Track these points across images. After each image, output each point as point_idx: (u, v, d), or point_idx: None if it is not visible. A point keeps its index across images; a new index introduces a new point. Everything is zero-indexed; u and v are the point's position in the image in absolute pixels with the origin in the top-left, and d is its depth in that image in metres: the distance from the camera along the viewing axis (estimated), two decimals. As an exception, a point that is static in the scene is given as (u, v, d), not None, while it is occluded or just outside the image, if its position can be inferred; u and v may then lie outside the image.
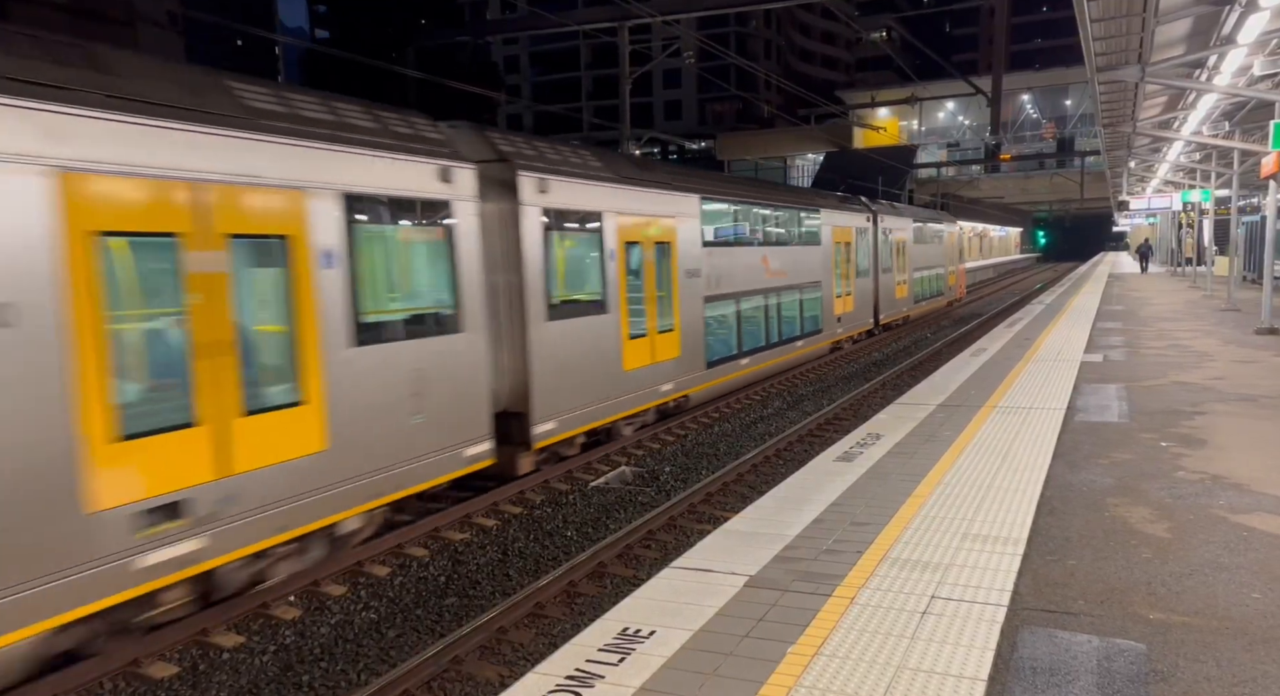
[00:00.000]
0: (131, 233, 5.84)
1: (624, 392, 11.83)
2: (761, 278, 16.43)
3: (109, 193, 5.69)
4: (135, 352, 5.93)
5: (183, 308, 6.15)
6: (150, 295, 6.03)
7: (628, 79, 24.54)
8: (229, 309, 6.43)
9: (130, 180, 5.82)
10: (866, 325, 23.42)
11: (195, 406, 6.19)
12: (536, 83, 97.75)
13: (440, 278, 8.63)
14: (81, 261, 5.52)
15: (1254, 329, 16.51)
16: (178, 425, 6.07)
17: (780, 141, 62.28)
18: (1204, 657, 3.96)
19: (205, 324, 6.27)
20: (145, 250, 5.95)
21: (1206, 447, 7.73)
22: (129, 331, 5.86)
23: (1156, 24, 11.58)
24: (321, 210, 7.23)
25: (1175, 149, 27.08)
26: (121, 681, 5.96)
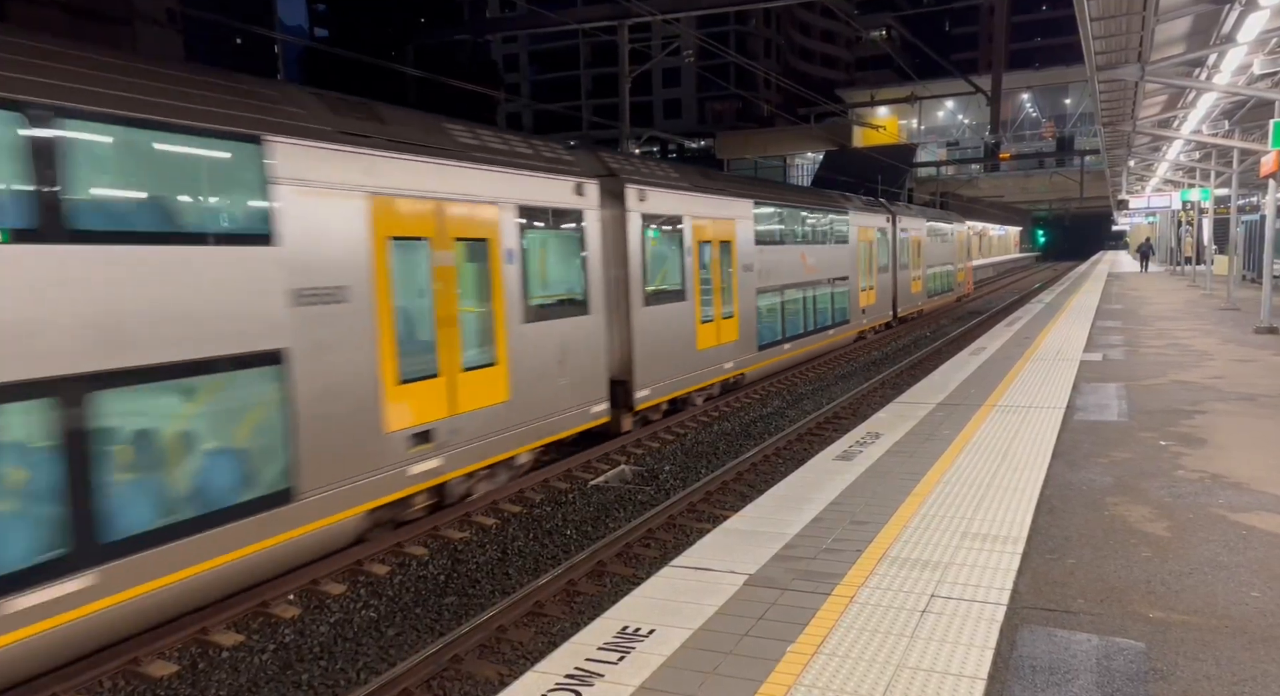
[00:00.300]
0: (405, 237, 8.07)
1: (697, 368, 14.00)
2: (801, 273, 18.44)
3: (393, 209, 7.94)
4: (407, 321, 8.16)
5: (431, 291, 8.41)
6: (412, 283, 8.21)
7: (627, 77, 24.53)
8: (456, 293, 8.69)
9: (404, 200, 8.06)
10: (886, 317, 25.35)
11: (438, 362, 8.52)
12: (536, 81, 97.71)
13: (576, 270, 10.95)
14: (380, 258, 7.76)
15: (1253, 328, 16.51)
16: (428, 375, 8.37)
17: (780, 140, 62.26)
18: (1203, 656, 3.96)
19: (443, 303, 8.55)
20: (411, 250, 8.18)
21: (1206, 446, 7.73)
22: (405, 307, 8.11)
23: (1156, 23, 11.58)
24: (506, 219, 9.47)
25: (1175, 148, 27.08)
26: (121, 680, 5.96)
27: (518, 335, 9.68)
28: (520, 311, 9.73)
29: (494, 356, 9.32)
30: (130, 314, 5.80)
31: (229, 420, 6.64)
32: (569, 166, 10.70)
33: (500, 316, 9.43)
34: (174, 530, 6.05)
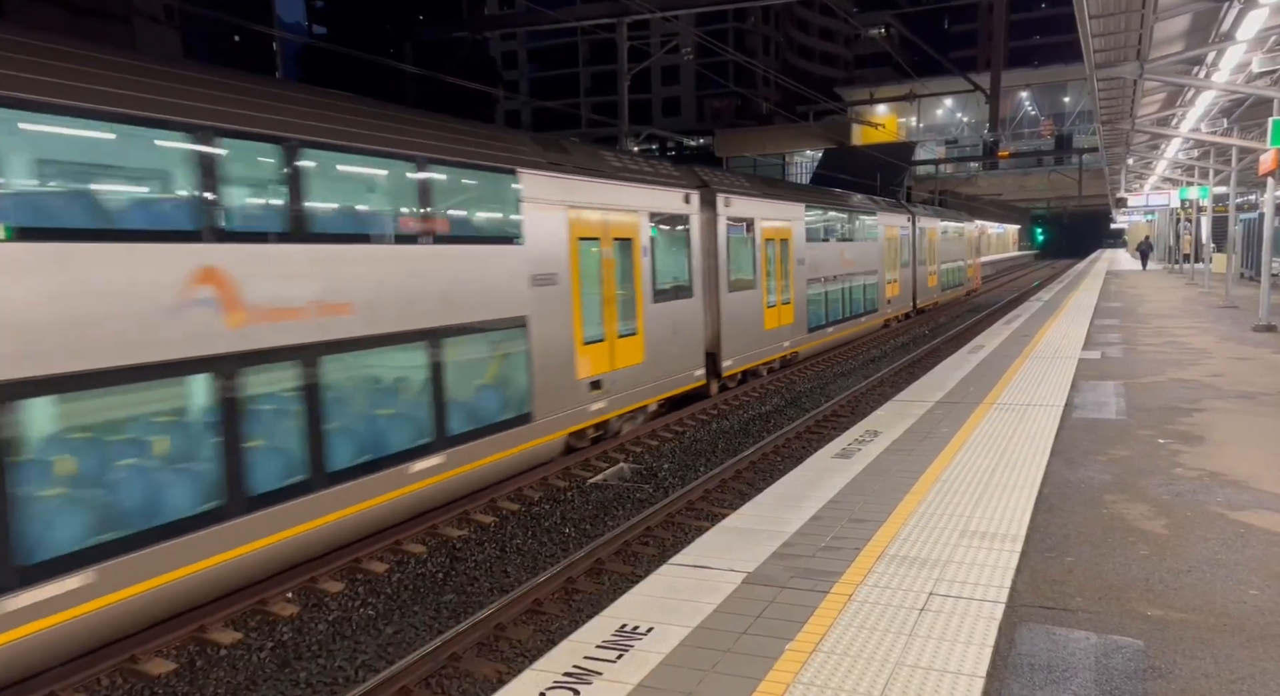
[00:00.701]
0: (586, 238, 11.03)
1: (764, 345, 16.79)
2: (840, 266, 21.22)
3: (581, 217, 10.90)
4: (588, 299, 11.11)
5: (600, 278, 11.41)
6: (590, 271, 11.19)
7: (626, 75, 24.50)
8: (614, 279, 11.74)
9: (585, 210, 11.03)
10: (907, 308, 28.12)
11: (604, 330, 11.49)
12: (535, 79, 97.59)
13: (683, 263, 13.79)
14: (574, 253, 10.73)
15: (1252, 326, 16.52)
16: (599, 339, 11.44)
17: (779, 138, 62.22)
18: (1201, 654, 3.96)
19: (607, 287, 11.59)
20: (590, 247, 11.18)
21: (1204, 444, 7.74)
22: (586, 289, 11.06)
23: (1155, 20, 11.56)
24: (643, 223, 12.41)
25: (1173, 146, 27.07)
26: (119, 677, 5.95)
27: (650, 312, 12.66)
28: (651, 294, 12.68)
29: (635, 328, 12.35)
30: (452, 290, 8.80)
31: (505, 363, 9.80)
32: (677, 180, 13.61)
33: (640, 297, 12.42)
34: (489, 428, 9.27)
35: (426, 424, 8.47)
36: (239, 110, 6.74)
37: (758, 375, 16.78)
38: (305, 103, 7.54)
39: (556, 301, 10.41)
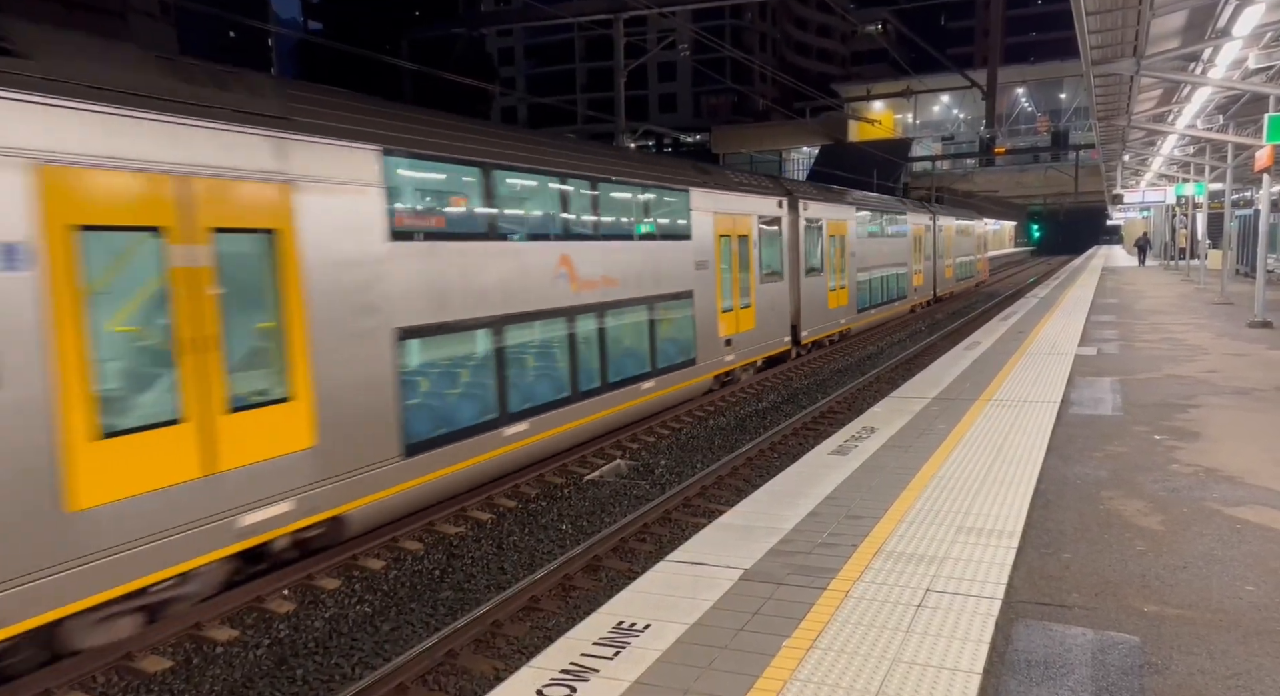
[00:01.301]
0: (723, 236, 14.78)
1: (828, 321, 20.73)
2: (880, 259, 25.21)
3: (720, 220, 14.63)
4: (726, 280, 14.87)
5: (732, 264, 15.20)
6: (726, 259, 14.90)
7: (623, 72, 24.45)
8: (738, 265, 15.46)
9: (723, 215, 14.79)
10: (929, 296, 32.11)
11: (733, 302, 15.28)
12: (531, 75, 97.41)
13: (777, 253, 17.50)
14: (718, 247, 14.52)
15: (1247, 322, 16.56)
16: (730, 309, 15.12)
17: (775, 134, 62.21)
18: (1197, 650, 3.97)
19: (735, 270, 15.29)
20: (727, 242, 14.97)
21: (1200, 441, 7.75)
22: (724, 273, 14.80)
23: (1152, 17, 11.57)
24: (754, 223, 16.18)
25: (1169, 142, 27.09)
26: (115, 675, 5.94)
27: (759, 290, 16.47)
28: (759, 276, 16.49)
29: (750, 302, 16.11)
30: (659, 271, 12.84)
31: (682, 323, 13.67)
32: (772, 189, 17.51)
33: (752, 279, 16.18)
34: (660, 371, 12.87)
35: (647, 359, 12.65)
36: (581, 163, 11.20)
37: (821, 345, 21.03)
38: (599, 154, 11.98)
39: (708, 281, 14.48)
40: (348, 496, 7.43)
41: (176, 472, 6.08)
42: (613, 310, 11.69)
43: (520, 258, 9.84)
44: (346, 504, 7.44)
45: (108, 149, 5.75)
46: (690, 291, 13.73)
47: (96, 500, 5.60)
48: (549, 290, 10.33)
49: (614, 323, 11.77)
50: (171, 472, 6.05)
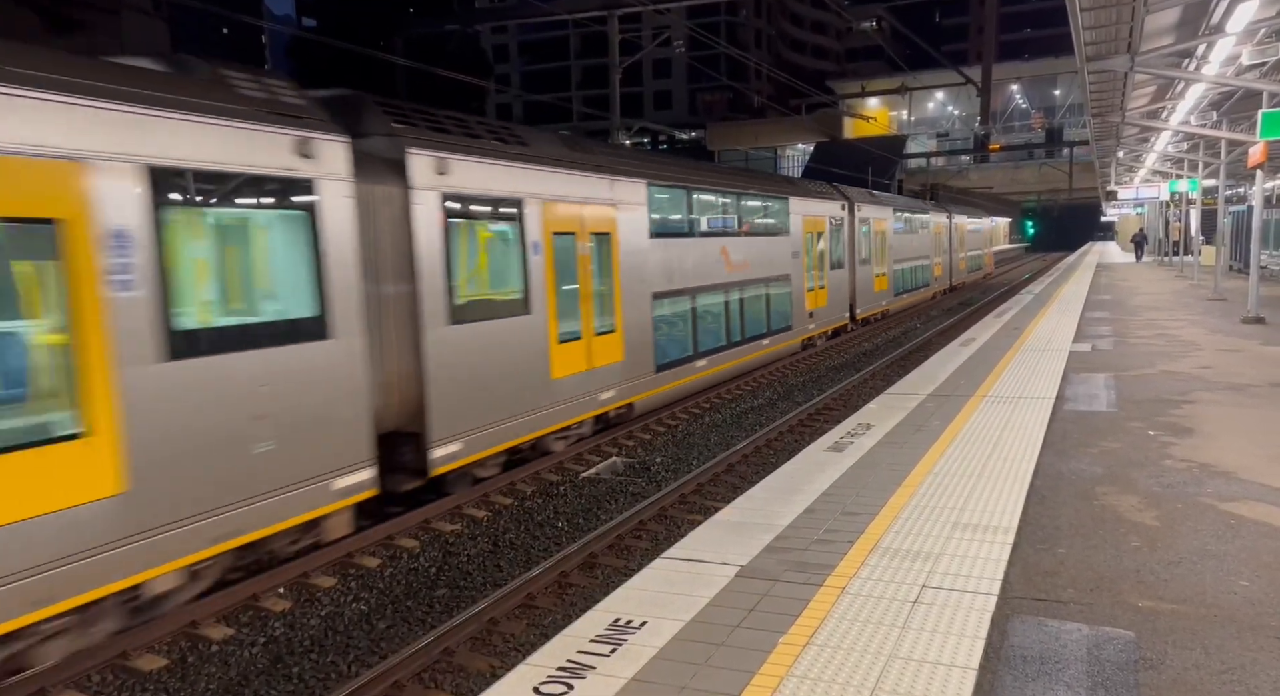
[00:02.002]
0: (809, 232, 19.49)
1: (876, 302, 25.42)
2: (907, 252, 29.41)
3: (809, 219, 19.42)
4: (809, 266, 19.53)
5: (814, 253, 19.89)
6: (810, 249, 19.59)
7: (618, 68, 24.42)
8: (815, 255, 19.97)
9: (809, 217, 19.48)
10: (946, 285, 36.69)
11: (814, 284, 19.88)
12: (526, 72, 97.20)
13: (841, 247, 21.99)
14: (804, 240, 19.22)
15: (1240, 318, 16.61)
16: (812, 289, 19.78)
17: (771, 132, 62.13)
18: (1192, 645, 3.99)
19: (812, 258, 19.70)
20: (812, 237, 19.71)
21: (1194, 436, 7.78)
22: (808, 260, 19.54)
23: (1146, 13, 11.58)
24: (827, 222, 20.57)
25: (1163, 139, 27.15)
26: (110, 674, 5.92)
27: (829, 276, 21.00)
28: (829, 265, 21.00)
29: (824, 284, 20.57)
30: (771, 258, 17.26)
31: (784, 298, 17.82)
32: (835, 195, 22.07)
33: (825, 267, 20.69)
34: (772, 333, 17.24)
35: (765, 323, 17.10)
36: (732, 182, 16.06)
37: (869, 322, 25.29)
38: (738, 174, 17.21)
39: (799, 267, 18.92)
40: (632, 392, 12.39)
41: (582, 365, 11.16)
42: (748, 286, 16.43)
43: (702, 248, 14.69)
44: (633, 397, 12.42)
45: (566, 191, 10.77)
46: (789, 275, 18.45)
47: (559, 375, 10.65)
48: (716, 270, 15.12)
49: (748, 295, 16.42)
50: (580, 365, 11.12)
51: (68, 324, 5.45)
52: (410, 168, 8.20)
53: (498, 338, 9.46)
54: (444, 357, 8.61)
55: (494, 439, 9.41)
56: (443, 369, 8.59)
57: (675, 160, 15.33)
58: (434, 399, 8.46)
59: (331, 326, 7.30)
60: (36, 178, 5.26)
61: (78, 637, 5.83)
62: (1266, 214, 30.34)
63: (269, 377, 6.75)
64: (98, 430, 5.55)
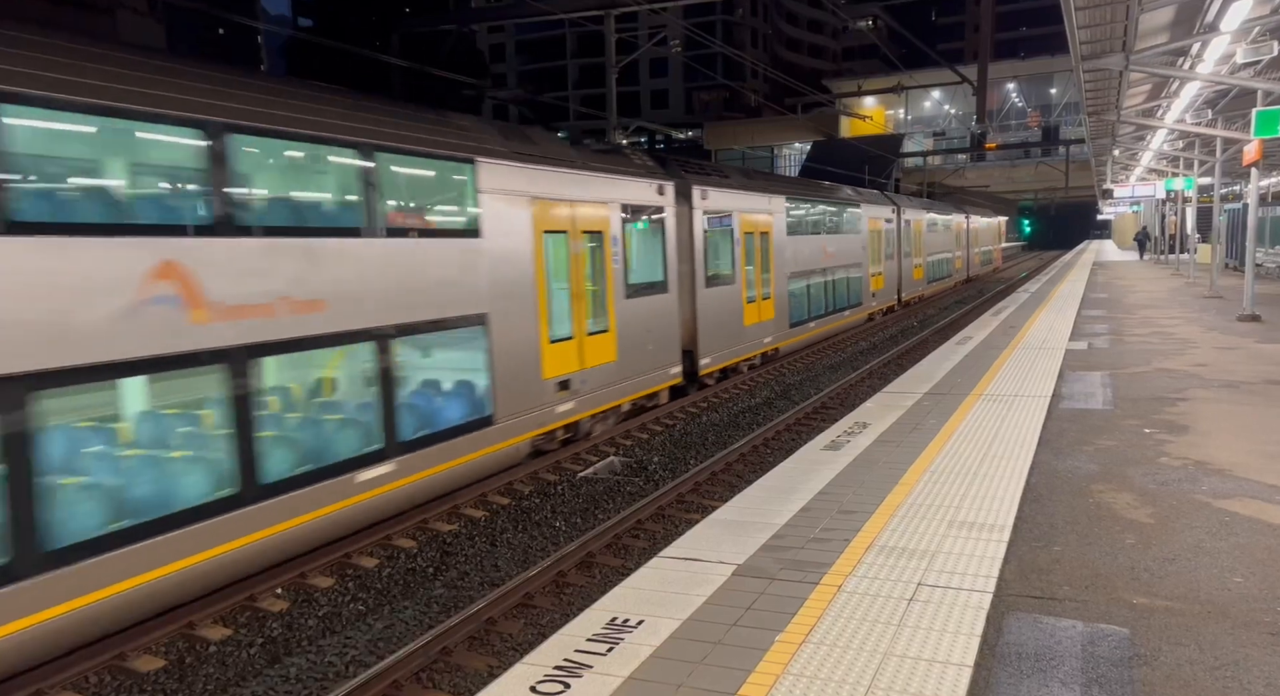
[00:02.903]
0: (873, 231, 26.44)
1: (915, 288, 30.99)
2: (937, 247, 35.70)
3: (874, 222, 26.00)
4: (875, 259, 26.20)
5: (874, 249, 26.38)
6: (875, 245, 26.36)
7: (614, 68, 24.41)
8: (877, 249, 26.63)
9: (874, 219, 26.18)
10: (964, 277, 43.19)
11: (876, 269, 26.29)
12: (523, 71, 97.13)
13: (892, 243, 28.40)
14: (870, 238, 25.52)
15: (1236, 316, 16.65)
16: (874, 275, 26.03)
17: (767, 131, 62.18)
18: (1186, 641, 4.01)
19: (877, 252, 26.40)
20: (874, 235, 26.08)
21: (1189, 434, 7.80)
22: (874, 254, 26.33)
23: (1140, 11, 11.61)
24: (882, 225, 26.99)
25: (1159, 137, 27.20)
26: (107, 675, 5.93)
27: (884, 265, 26.74)
28: (884, 257, 26.73)
29: (881, 270, 26.26)
30: (845, 251, 23.14)
31: (857, 282, 24.07)
32: (887, 203, 27.51)
33: (881, 259, 26.02)
34: (850, 306, 23.47)
35: (846, 300, 22.32)
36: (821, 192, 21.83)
37: (907, 304, 30.16)
38: (825, 186, 22.76)
39: (866, 258, 24.45)
40: (778, 340, 18.06)
41: (757, 318, 16.96)
42: (837, 271, 22.12)
43: (813, 242, 20.47)
44: (779, 343, 18.03)
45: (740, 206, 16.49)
46: (861, 264, 24.16)
47: (748, 323, 16.55)
48: (820, 259, 20.79)
49: (836, 278, 22.08)
50: (756, 318, 16.90)
51: (604, 281, 11.77)
52: (693, 197, 14.32)
53: (721, 298, 15.44)
54: (703, 307, 14.72)
55: (721, 359, 15.53)
56: (703, 314, 14.70)
57: (796, 179, 23.95)
58: (700, 331, 14.64)
59: (668, 286, 13.55)
60: (596, 213, 11.47)
61: (602, 424, 11.99)
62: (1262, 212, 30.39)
63: (651, 311, 12.99)
64: (610, 330, 11.90)
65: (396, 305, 8.03)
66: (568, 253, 10.84)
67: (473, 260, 9.10)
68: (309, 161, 7.70)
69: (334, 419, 7.76)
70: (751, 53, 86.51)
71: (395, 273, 8.06)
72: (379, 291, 7.86)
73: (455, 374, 9.26)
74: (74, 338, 5.53)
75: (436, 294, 8.56)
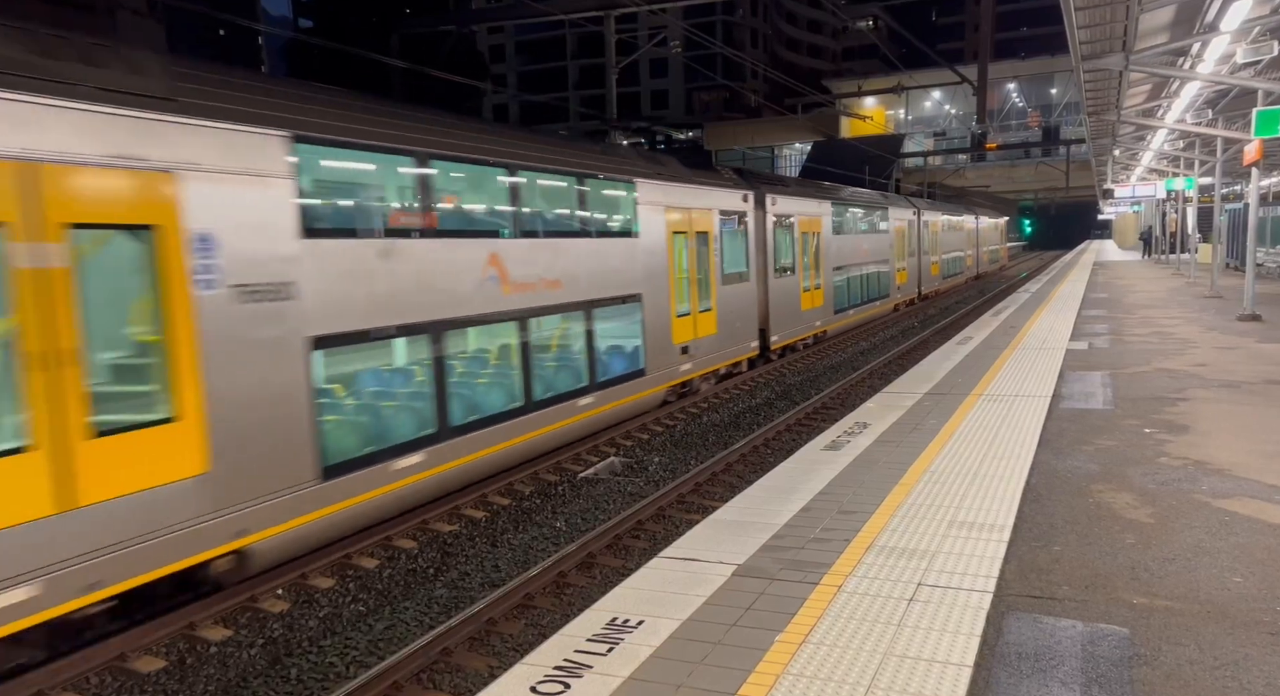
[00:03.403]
0: (899, 232, 29.96)
1: (930, 283, 34.23)
2: (954, 246, 39.78)
3: (898, 225, 29.27)
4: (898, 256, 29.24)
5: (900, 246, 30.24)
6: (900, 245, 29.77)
7: (614, 68, 24.42)
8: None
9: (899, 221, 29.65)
10: (974, 274, 47.21)
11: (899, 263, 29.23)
12: (523, 72, 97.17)
13: (911, 243, 31.52)
14: (894, 239, 29.22)
15: (1236, 316, 16.64)
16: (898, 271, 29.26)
17: (768, 131, 62.16)
18: (1186, 641, 4.01)
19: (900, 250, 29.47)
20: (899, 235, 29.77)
21: (1189, 434, 7.80)
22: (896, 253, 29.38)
23: (1140, 11, 11.62)
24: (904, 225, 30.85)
25: (1159, 137, 27.20)
26: (108, 675, 5.93)
27: (907, 262, 29.96)
28: (906, 254, 29.80)
29: (904, 266, 29.43)
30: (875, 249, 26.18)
31: (885, 277, 26.68)
32: (908, 206, 30.46)
33: (904, 255, 29.35)
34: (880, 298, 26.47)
35: (876, 292, 25.21)
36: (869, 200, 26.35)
37: (926, 298, 33.35)
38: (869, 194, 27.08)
39: (892, 256, 27.04)
40: (825, 325, 20.81)
41: (810, 305, 19.91)
42: (869, 266, 24.83)
43: (850, 241, 23.06)
44: (826, 327, 20.88)
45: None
46: (888, 260, 27.26)
47: (804, 308, 19.57)
48: (858, 255, 23.78)
49: (868, 273, 24.79)
50: (811, 304, 19.99)
51: (709, 270, 14.79)
52: (766, 203, 17.19)
53: (785, 286, 18.35)
54: (773, 294, 17.57)
55: (786, 337, 18.47)
56: (773, 299, 17.55)
57: (836, 186, 24.74)
58: (770, 313, 17.50)
59: (750, 276, 16.47)
60: (704, 217, 14.56)
61: (706, 383, 15.19)
62: (1262, 211, 30.39)
63: (738, 295, 15.93)
64: (713, 309, 14.88)
65: (595, 286, 11.43)
66: (687, 248, 14.10)
67: (633, 253, 12.34)
68: (549, 186, 10.83)
69: (566, 362, 11.03)
70: (751, 53, 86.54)
71: (594, 262, 11.40)
72: (586, 276, 11.23)
73: (623, 337, 12.42)
74: (460, 300, 8.96)
75: (614, 278, 11.90)
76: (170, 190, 6.11)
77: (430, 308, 8.51)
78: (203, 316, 6.28)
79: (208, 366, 6.30)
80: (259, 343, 6.69)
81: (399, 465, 8.10)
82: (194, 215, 6.26)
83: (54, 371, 5.42)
